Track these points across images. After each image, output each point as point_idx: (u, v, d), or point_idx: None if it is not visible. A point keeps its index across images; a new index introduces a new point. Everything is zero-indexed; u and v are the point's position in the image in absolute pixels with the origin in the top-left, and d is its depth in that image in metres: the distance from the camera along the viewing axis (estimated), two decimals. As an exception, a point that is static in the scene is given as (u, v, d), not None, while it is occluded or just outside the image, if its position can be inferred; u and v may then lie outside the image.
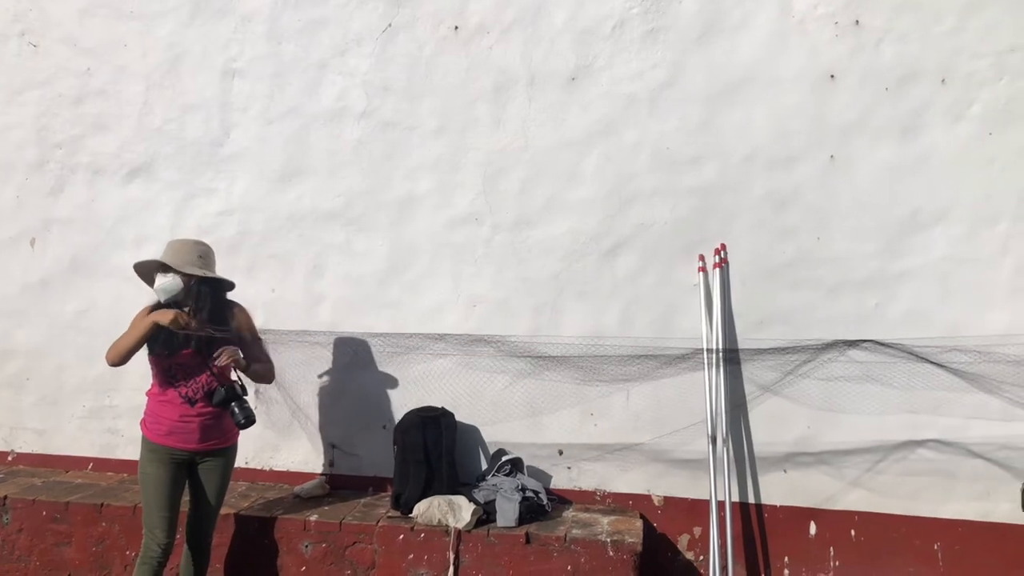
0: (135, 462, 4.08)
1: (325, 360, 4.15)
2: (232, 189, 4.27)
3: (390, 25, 4.16)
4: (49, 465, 4.36)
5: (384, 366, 4.12)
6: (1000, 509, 3.75)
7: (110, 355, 3.24)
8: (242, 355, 3.28)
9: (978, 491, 3.77)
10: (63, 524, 3.79)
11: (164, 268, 3.26)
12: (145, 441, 3.28)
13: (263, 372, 3.45)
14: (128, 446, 4.22)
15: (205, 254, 3.36)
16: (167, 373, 3.27)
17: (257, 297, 4.21)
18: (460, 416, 4.02)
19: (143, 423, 3.32)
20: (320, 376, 4.17)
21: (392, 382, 4.13)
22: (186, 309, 3.22)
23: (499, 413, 4.02)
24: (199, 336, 3.23)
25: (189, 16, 4.32)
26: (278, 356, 3.83)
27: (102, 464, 4.33)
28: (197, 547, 3.38)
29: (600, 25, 4.03)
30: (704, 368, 3.78)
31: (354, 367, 4.13)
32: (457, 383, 4.03)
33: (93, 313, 4.34)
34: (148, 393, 3.35)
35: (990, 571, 3.76)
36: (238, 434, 3.42)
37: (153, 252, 4.25)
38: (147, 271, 3.35)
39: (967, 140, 3.79)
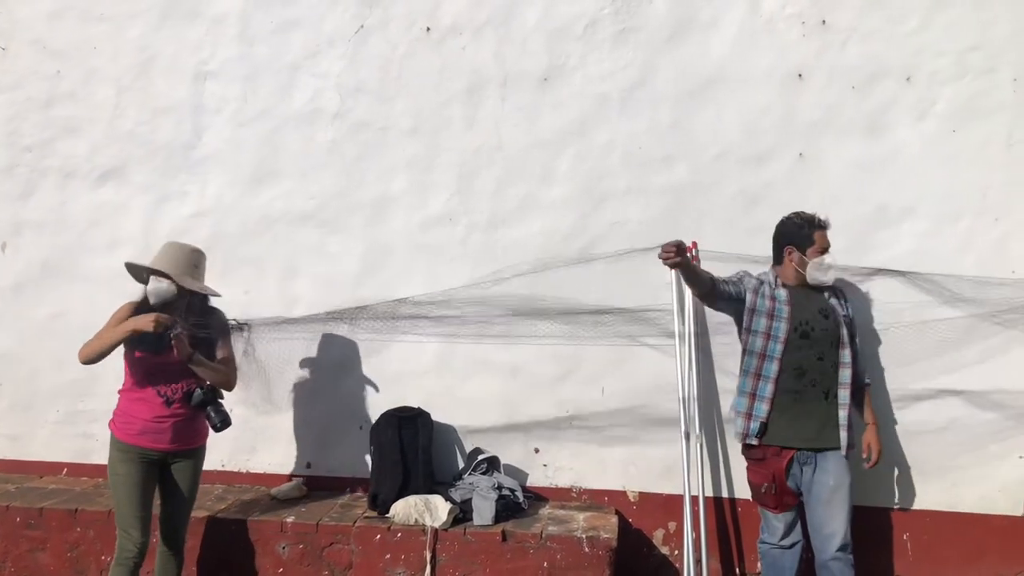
0: (110, 466, 4.06)
1: (303, 361, 4.17)
2: (205, 192, 4.26)
3: (362, 26, 4.17)
4: (23, 471, 4.33)
5: (362, 365, 4.14)
6: (966, 500, 3.85)
7: (83, 353, 3.22)
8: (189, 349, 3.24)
9: (946, 483, 3.86)
10: (38, 530, 3.77)
11: (157, 271, 3.28)
12: (115, 441, 3.28)
13: (216, 378, 3.36)
14: (103, 451, 4.08)
15: (199, 263, 3.42)
16: (148, 372, 3.26)
17: (232, 299, 4.17)
18: (436, 416, 4.04)
19: (112, 423, 3.32)
20: (297, 375, 4.18)
21: (369, 382, 4.14)
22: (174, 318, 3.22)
23: (475, 411, 4.06)
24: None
25: (159, 18, 4.30)
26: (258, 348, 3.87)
27: (76, 469, 4.31)
28: (172, 549, 3.38)
29: (572, 25, 4.06)
30: (676, 364, 3.82)
31: (331, 367, 4.15)
32: (433, 381, 4.07)
33: (66, 317, 4.30)
34: (121, 392, 3.34)
35: (956, 561, 3.84)
36: (207, 434, 3.42)
37: (126, 256, 4.23)
38: (139, 270, 3.39)
39: (931, 137, 3.86)
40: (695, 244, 3.96)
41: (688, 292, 3.90)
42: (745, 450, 3.47)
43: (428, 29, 4.13)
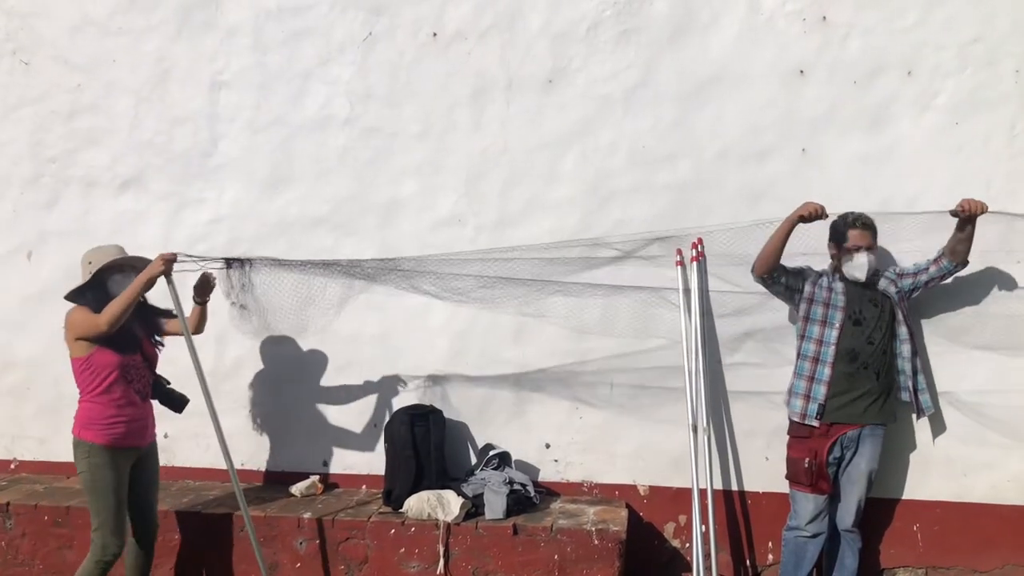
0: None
1: (319, 360, 4.29)
2: (222, 198, 4.38)
3: (370, 34, 4.26)
4: (51, 471, 4.46)
5: (374, 365, 4.24)
6: (976, 490, 3.87)
7: (108, 315, 3.23)
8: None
9: (955, 473, 3.88)
10: (65, 528, 3.90)
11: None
12: (96, 448, 3.29)
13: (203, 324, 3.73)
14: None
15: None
16: (122, 373, 3.36)
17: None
18: (448, 413, 4.12)
19: (86, 431, 3.32)
20: (313, 377, 4.29)
21: (383, 381, 4.24)
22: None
23: (486, 408, 4.15)
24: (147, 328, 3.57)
25: (176, 31, 4.42)
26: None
27: (102, 469, 4.43)
28: (146, 544, 3.52)
29: (575, 28, 4.12)
30: (683, 359, 3.87)
31: (344, 367, 4.26)
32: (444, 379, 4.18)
33: (90, 323, 4.44)
34: (87, 399, 3.37)
35: (966, 551, 3.86)
36: None
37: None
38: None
39: (934, 130, 3.88)
40: (700, 240, 4.01)
41: (695, 291, 3.96)
42: (793, 428, 3.63)
43: (434, 35, 4.22)
